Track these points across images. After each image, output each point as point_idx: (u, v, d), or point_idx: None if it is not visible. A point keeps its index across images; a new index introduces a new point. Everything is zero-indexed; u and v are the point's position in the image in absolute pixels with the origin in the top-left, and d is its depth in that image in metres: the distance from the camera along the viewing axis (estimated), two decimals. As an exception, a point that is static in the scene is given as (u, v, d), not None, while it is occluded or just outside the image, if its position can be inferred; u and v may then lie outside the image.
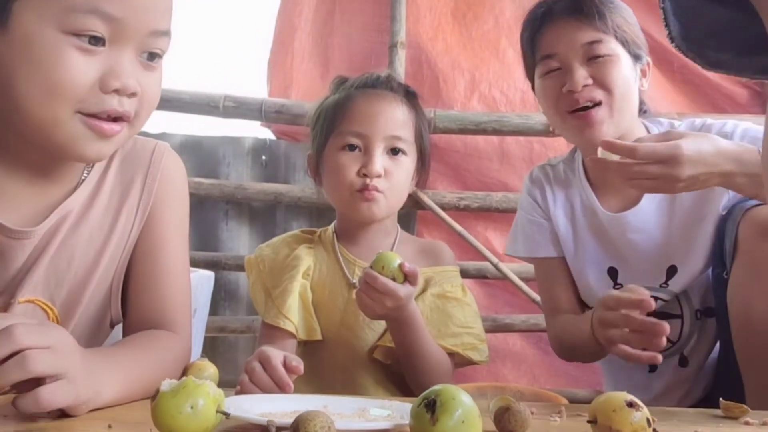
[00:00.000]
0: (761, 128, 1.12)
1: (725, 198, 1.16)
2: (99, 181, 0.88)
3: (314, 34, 2.40)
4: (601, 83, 1.14)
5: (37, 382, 0.63)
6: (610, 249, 1.23)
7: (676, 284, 1.20)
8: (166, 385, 0.58)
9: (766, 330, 1.01)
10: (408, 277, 1.00)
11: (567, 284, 1.31)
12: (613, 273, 1.24)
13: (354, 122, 1.15)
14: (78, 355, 0.68)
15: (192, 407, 0.57)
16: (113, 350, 0.81)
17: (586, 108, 1.15)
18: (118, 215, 0.88)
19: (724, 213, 1.13)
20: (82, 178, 0.87)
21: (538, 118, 2.17)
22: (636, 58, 1.19)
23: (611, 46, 1.15)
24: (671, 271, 1.20)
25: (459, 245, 2.17)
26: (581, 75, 1.14)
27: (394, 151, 1.16)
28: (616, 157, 1.03)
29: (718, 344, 1.23)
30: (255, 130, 2.46)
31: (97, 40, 0.74)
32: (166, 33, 0.79)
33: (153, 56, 0.79)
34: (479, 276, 2.23)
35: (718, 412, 0.84)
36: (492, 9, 2.36)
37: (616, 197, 1.23)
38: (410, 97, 1.21)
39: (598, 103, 1.15)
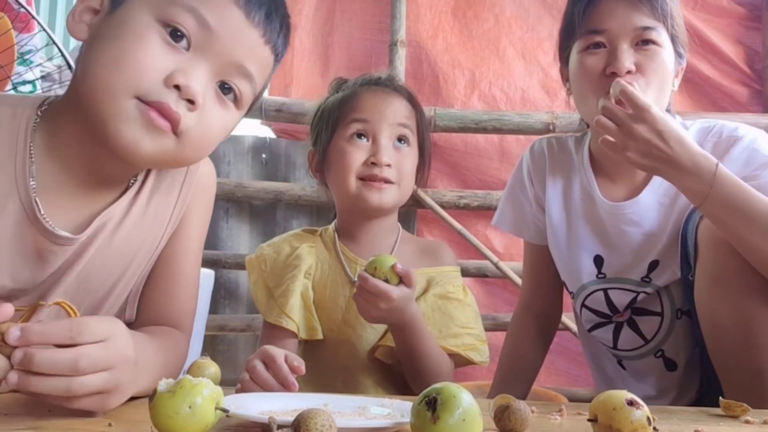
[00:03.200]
0: (764, 145, 1.11)
1: None
2: (138, 188, 0.88)
3: (314, 33, 2.40)
4: (644, 72, 1.09)
5: None
6: (601, 237, 1.22)
7: (658, 278, 1.18)
8: (163, 385, 0.58)
9: (733, 333, 1.00)
10: (402, 279, 0.99)
11: (544, 276, 1.32)
12: (598, 261, 1.23)
13: (360, 111, 1.15)
14: (131, 370, 0.69)
15: (190, 407, 0.57)
16: (147, 341, 0.80)
17: None
18: (151, 224, 0.88)
19: (686, 215, 1.12)
20: (130, 185, 0.87)
21: (538, 116, 2.18)
22: (678, 55, 1.15)
23: (662, 37, 1.10)
24: (653, 265, 1.18)
25: (459, 244, 2.17)
26: (628, 59, 1.08)
27: (401, 140, 1.16)
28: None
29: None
30: (255, 129, 2.47)
31: (178, 37, 0.75)
32: (248, 75, 0.79)
33: (227, 90, 0.79)
34: (479, 275, 2.23)
35: (719, 410, 0.84)
36: (492, 8, 2.36)
37: (617, 186, 1.22)
38: (411, 96, 1.22)
39: None
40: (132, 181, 0.87)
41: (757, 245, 0.95)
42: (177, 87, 0.74)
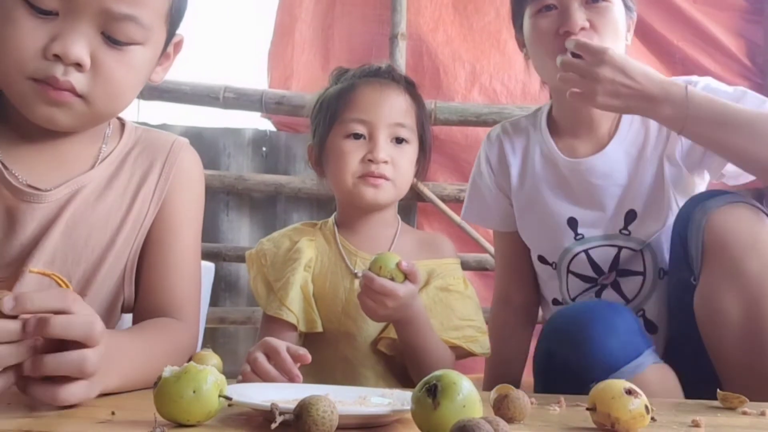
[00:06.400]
0: (721, 84, 1.17)
1: (678, 149, 1.19)
2: (119, 166, 0.90)
3: (315, 26, 2.40)
4: (597, 28, 1.13)
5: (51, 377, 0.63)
6: (570, 198, 1.24)
7: (637, 231, 1.19)
8: (169, 371, 0.59)
9: (737, 333, 1.02)
10: (408, 276, 1.00)
11: (518, 264, 1.33)
12: (573, 223, 1.24)
13: (358, 110, 1.15)
14: (99, 359, 0.67)
15: (194, 391, 0.57)
16: (122, 337, 0.81)
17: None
18: (135, 197, 0.90)
19: (680, 211, 1.13)
20: (101, 158, 0.89)
21: (538, 110, 2.17)
22: (628, 9, 1.19)
23: None
24: (630, 216, 1.20)
25: (459, 237, 2.18)
26: (580, 17, 1.12)
27: (398, 140, 1.16)
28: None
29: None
30: (255, 122, 2.47)
31: (46, 12, 0.75)
32: (129, 17, 0.77)
33: (113, 40, 0.78)
34: (479, 268, 2.24)
35: (716, 402, 0.85)
36: (493, 1, 2.36)
37: (582, 142, 1.24)
38: (410, 87, 1.21)
39: None
40: (104, 147, 0.89)
41: (747, 149, 0.99)
42: (57, 56, 0.75)
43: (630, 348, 0.96)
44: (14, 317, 0.61)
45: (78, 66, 0.76)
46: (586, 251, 1.23)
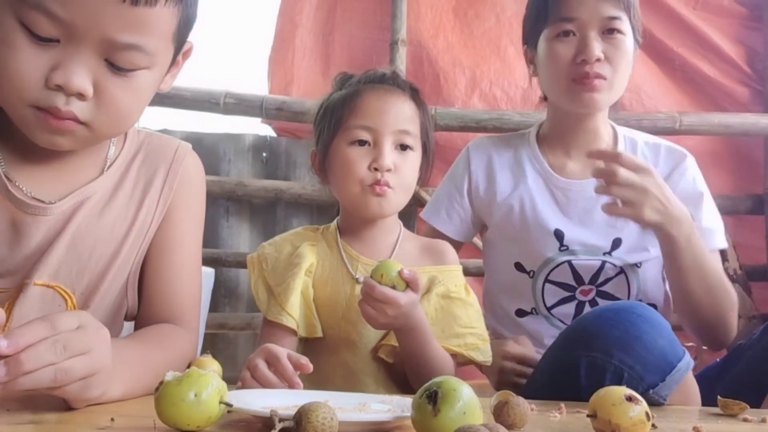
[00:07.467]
0: (698, 172, 1.27)
1: None
2: (123, 173, 0.90)
3: (315, 31, 2.41)
4: (611, 60, 1.19)
5: None
6: (559, 212, 1.27)
7: (621, 256, 1.25)
8: (171, 375, 0.59)
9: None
10: (409, 284, 1.00)
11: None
12: (559, 235, 1.27)
13: (363, 117, 1.15)
14: (110, 355, 0.68)
15: (195, 395, 0.57)
16: (122, 345, 0.81)
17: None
18: (139, 207, 0.90)
19: None
20: (106, 167, 0.88)
21: (538, 116, 2.17)
22: (636, 42, 1.24)
23: (626, 26, 1.20)
24: (616, 242, 1.25)
25: (459, 243, 2.18)
26: (597, 47, 1.18)
27: (403, 147, 1.16)
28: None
29: None
30: (256, 127, 2.48)
31: (46, 40, 0.72)
32: (133, 47, 0.74)
33: (117, 67, 0.75)
34: (479, 274, 2.23)
35: (717, 409, 0.85)
36: (493, 7, 2.37)
37: (573, 165, 1.30)
38: (415, 93, 1.22)
39: (602, 77, 1.20)
40: (109, 160, 0.89)
41: (693, 290, 1.12)
42: (59, 86, 0.72)
43: (675, 345, 0.92)
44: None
45: (80, 96, 0.74)
46: (569, 262, 1.26)
